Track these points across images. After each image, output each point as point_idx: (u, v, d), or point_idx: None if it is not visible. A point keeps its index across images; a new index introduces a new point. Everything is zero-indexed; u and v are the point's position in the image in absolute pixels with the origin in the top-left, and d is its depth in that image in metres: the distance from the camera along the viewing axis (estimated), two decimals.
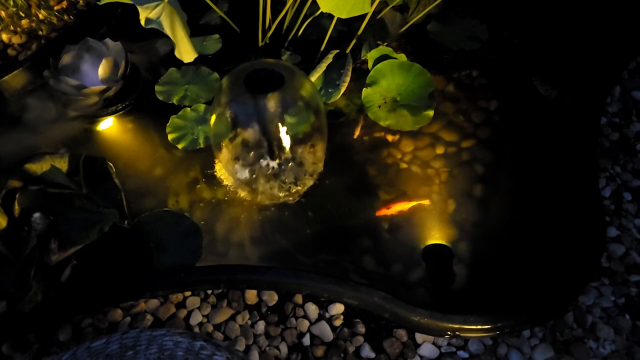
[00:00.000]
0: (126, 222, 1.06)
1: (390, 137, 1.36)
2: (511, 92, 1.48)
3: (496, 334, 0.95)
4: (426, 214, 1.24)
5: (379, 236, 1.19)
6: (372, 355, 1.03)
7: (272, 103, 0.99)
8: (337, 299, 0.97)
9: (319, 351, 1.04)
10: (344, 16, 1.18)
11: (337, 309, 1.08)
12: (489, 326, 0.91)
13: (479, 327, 0.90)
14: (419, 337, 1.04)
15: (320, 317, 1.07)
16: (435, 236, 1.20)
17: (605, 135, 1.41)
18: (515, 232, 1.22)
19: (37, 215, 0.96)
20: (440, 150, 1.34)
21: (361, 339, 1.05)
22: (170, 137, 1.29)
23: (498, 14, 1.60)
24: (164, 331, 0.90)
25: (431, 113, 1.34)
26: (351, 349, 1.04)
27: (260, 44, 1.48)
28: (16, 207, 0.97)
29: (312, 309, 1.08)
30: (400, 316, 0.92)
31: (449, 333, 0.92)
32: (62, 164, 1.04)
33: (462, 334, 0.93)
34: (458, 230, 1.21)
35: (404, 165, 1.31)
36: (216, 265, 1.02)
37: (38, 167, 1.02)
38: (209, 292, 1.10)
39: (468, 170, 1.31)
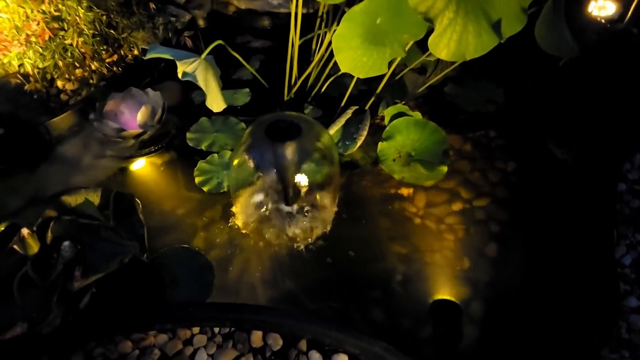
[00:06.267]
0: (145, 255, 1.12)
1: (404, 191, 1.39)
2: (526, 154, 1.51)
3: None
4: (438, 270, 1.24)
5: (388, 288, 1.20)
6: None
7: (289, 151, 1.06)
8: (338, 346, 0.98)
9: None
10: (362, 76, 1.27)
11: (341, 359, 1.07)
12: None
13: None
14: None
15: None
16: (446, 293, 1.20)
17: (626, 202, 1.39)
18: (528, 295, 1.20)
19: (66, 243, 1.04)
20: (455, 207, 1.36)
21: None
22: (197, 180, 1.38)
23: (514, 79, 1.67)
24: None
25: (445, 169, 1.38)
26: None
27: (285, 98, 1.60)
28: (49, 234, 1.05)
29: (316, 357, 1.07)
30: None
31: None
32: (95, 198, 1.13)
33: None
34: (469, 289, 1.20)
35: (418, 220, 1.33)
36: (224, 303, 1.05)
37: (73, 200, 1.11)
38: (216, 331, 1.12)
39: (482, 229, 1.31)
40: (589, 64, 1.60)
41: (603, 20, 1.75)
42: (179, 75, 1.12)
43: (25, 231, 0.99)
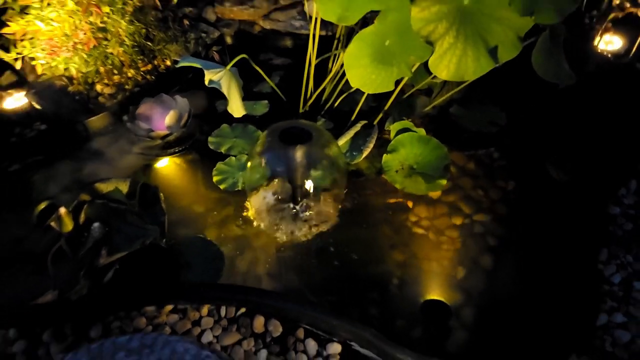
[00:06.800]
0: (164, 241, 1.24)
1: (405, 201, 1.48)
2: (525, 174, 1.59)
3: None
4: (434, 277, 1.32)
5: (385, 290, 1.28)
6: None
7: (299, 154, 1.18)
8: (333, 331, 1.06)
9: None
10: (370, 92, 1.39)
11: (335, 348, 1.15)
12: None
13: None
14: None
15: (318, 354, 1.15)
16: (439, 296, 1.27)
17: (619, 224, 1.45)
18: (517, 305, 1.26)
19: (96, 224, 1.17)
20: (455, 220, 1.44)
21: None
22: (215, 179, 1.51)
23: (517, 103, 1.77)
24: (179, 338, 1.03)
25: (444, 182, 1.47)
26: None
27: (301, 110, 1.73)
28: (82, 216, 1.18)
29: (312, 345, 1.16)
30: (387, 354, 0.99)
31: None
32: (124, 187, 1.27)
33: None
34: (462, 296, 1.27)
35: (418, 229, 1.41)
36: (232, 285, 1.15)
37: (105, 187, 1.25)
38: (222, 315, 1.22)
39: (479, 242, 1.38)
40: (588, 92, 1.69)
41: (610, 55, 1.85)
42: (206, 82, 1.26)
43: (62, 210, 1.13)
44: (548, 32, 1.32)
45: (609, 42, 1.88)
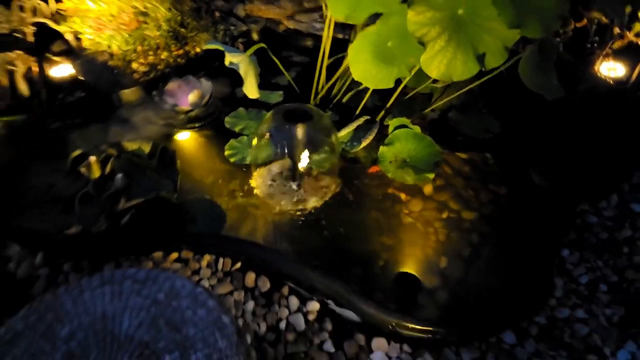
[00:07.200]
0: (175, 196, 1.41)
1: (398, 192, 1.60)
2: (512, 179, 1.70)
3: (428, 337, 1.11)
4: (416, 261, 1.45)
5: (368, 265, 1.40)
6: (332, 350, 1.21)
7: (300, 132, 1.34)
8: (310, 283, 1.21)
9: (290, 336, 1.25)
10: (371, 87, 1.54)
11: (314, 306, 1.30)
12: (423, 328, 1.08)
13: (414, 326, 1.08)
14: (374, 344, 1.22)
15: (299, 310, 1.29)
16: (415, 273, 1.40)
17: (595, 233, 1.55)
18: (487, 292, 1.37)
19: (119, 176, 1.35)
20: (444, 215, 1.55)
21: (327, 335, 1.24)
22: (226, 152, 1.69)
23: (511, 114, 1.89)
24: (178, 276, 1.20)
25: (431, 176, 1.60)
26: (316, 341, 1.24)
27: (311, 102, 1.90)
28: (108, 167, 1.37)
29: (294, 302, 1.31)
30: (354, 305, 1.13)
31: (390, 326, 1.11)
32: (146, 148, 1.46)
33: (400, 330, 1.11)
34: (440, 281, 1.37)
35: (407, 218, 1.53)
36: (228, 236, 1.31)
37: (130, 145, 1.44)
38: (219, 268, 1.38)
39: (464, 236, 1.49)
40: (579, 110, 1.81)
41: (612, 81, 1.96)
42: (226, 63, 1.44)
43: (92, 158, 1.32)
44: (537, 46, 1.45)
45: (612, 69, 1.99)
